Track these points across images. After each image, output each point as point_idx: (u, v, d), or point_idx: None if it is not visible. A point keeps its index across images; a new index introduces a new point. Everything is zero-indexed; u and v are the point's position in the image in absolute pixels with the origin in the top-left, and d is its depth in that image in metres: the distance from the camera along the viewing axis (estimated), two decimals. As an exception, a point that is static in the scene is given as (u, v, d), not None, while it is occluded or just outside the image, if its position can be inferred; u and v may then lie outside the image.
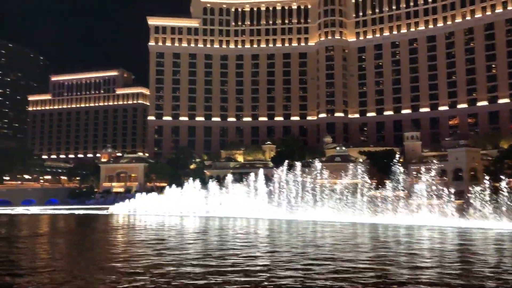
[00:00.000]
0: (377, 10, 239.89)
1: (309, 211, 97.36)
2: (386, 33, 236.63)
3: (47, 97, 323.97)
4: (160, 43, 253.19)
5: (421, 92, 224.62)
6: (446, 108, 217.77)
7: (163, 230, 62.57)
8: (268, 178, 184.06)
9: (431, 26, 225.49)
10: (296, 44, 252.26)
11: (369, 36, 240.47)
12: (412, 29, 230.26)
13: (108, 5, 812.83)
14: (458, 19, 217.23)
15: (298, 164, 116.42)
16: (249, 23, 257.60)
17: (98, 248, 44.04)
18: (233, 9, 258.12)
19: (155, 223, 75.31)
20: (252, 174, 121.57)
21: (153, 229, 64.39)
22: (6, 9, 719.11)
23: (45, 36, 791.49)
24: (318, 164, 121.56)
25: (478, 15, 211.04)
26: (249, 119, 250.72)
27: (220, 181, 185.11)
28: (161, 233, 57.66)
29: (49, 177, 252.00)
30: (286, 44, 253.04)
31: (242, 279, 26.84)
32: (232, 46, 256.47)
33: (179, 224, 72.82)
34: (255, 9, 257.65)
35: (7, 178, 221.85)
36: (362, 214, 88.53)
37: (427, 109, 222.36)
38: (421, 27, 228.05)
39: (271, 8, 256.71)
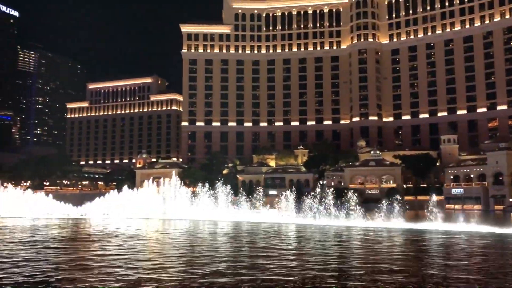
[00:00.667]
0: (410, 12, 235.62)
1: (342, 217, 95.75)
2: (421, 34, 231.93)
3: (85, 104, 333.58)
4: (192, 50, 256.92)
5: (458, 94, 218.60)
6: (484, 110, 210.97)
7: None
8: (301, 184, 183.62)
9: (467, 26, 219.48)
10: (328, 48, 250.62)
11: (403, 38, 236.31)
12: (448, 30, 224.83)
13: (142, 13, 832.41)
14: (497, 18, 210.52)
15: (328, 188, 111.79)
16: (280, 27, 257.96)
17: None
18: (264, 14, 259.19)
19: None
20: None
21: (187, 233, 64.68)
22: (44, 20, 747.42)
23: (82, 45, 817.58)
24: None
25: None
26: (281, 123, 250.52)
27: (253, 186, 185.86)
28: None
29: (86, 182, 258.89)
30: (318, 48, 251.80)
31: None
32: (263, 51, 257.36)
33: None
34: (286, 13, 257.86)
35: (47, 183, 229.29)
36: (397, 219, 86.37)
37: (464, 112, 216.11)
38: (457, 28, 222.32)
39: (302, 12, 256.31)
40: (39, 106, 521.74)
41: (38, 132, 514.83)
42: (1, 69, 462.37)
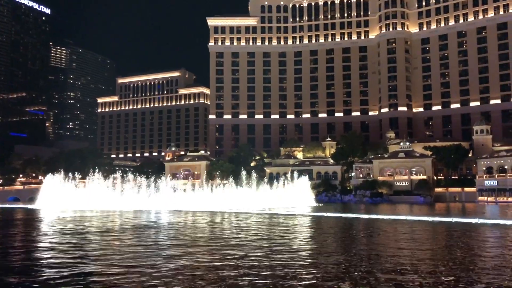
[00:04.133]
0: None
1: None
2: (452, 22, 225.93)
3: (115, 99, 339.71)
4: (219, 43, 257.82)
5: (491, 83, 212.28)
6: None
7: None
8: (329, 176, 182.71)
9: (501, 12, 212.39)
10: (356, 38, 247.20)
11: (433, 26, 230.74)
12: (480, 17, 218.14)
13: (169, 8, 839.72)
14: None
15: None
16: (307, 18, 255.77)
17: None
18: (290, 6, 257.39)
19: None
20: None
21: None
22: (74, 17, 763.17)
23: (111, 41, 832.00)
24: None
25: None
26: (308, 115, 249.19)
27: (280, 178, 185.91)
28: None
29: (117, 175, 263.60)
30: (346, 38, 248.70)
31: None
32: (290, 42, 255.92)
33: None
34: (313, 4, 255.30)
35: (80, 176, 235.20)
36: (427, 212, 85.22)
37: (498, 101, 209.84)
38: (491, 14, 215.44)
39: (329, 3, 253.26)
40: (71, 101, 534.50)
41: (71, 126, 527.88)
42: (34, 66, 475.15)
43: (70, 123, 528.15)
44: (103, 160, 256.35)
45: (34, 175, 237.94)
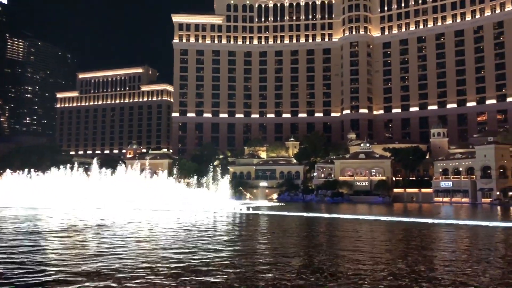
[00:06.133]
0: (403, 5, 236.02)
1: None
2: (412, 27, 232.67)
3: (75, 94, 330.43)
4: (184, 40, 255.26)
5: (448, 87, 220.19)
6: (474, 104, 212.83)
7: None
8: (291, 176, 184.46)
9: (459, 20, 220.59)
10: (320, 40, 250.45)
11: (395, 31, 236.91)
12: (439, 24, 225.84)
13: (133, 3, 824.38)
14: (487, 13, 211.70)
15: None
16: (272, 19, 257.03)
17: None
18: (256, 5, 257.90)
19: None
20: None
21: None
22: (33, 9, 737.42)
23: (72, 35, 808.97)
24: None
25: (508, 8, 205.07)
26: (272, 115, 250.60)
27: (244, 177, 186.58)
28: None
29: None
30: (310, 40, 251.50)
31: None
32: (255, 42, 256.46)
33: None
34: (278, 5, 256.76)
35: (37, 174, 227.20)
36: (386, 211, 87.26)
37: (454, 105, 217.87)
38: (449, 21, 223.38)
39: (294, 4, 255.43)
40: (28, 95, 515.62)
41: (28, 121, 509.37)
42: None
43: (27, 118, 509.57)
44: (61, 157, 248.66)
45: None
